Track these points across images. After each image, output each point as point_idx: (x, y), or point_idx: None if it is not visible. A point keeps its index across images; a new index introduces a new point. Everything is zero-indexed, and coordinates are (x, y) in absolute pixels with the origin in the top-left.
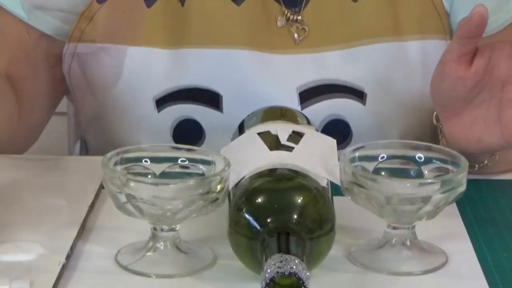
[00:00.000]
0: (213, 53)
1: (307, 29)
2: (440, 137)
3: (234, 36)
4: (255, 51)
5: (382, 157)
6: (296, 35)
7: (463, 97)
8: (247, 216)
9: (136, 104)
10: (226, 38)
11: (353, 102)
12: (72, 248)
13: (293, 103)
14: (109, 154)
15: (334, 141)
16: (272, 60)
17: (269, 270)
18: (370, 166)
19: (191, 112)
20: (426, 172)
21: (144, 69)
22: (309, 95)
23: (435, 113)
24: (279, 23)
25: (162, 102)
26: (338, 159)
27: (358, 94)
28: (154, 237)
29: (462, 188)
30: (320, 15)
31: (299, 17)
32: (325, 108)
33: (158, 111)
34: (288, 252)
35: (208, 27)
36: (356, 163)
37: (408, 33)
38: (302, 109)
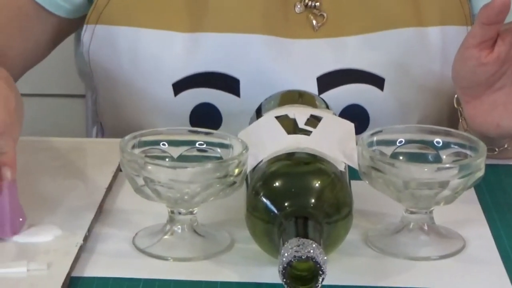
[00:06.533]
0: (231, 38)
1: (325, 15)
2: (460, 120)
3: (252, 22)
4: (273, 37)
5: (400, 142)
6: (314, 22)
7: (483, 82)
8: (264, 200)
9: (153, 88)
10: (244, 24)
11: (372, 88)
12: (89, 230)
13: (312, 89)
14: (126, 138)
15: (352, 125)
16: (290, 46)
17: (286, 254)
18: (388, 150)
19: (209, 97)
20: (444, 156)
21: (162, 52)
22: (327, 81)
23: (456, 96)
24: (297, 9)
25: (180, 86)
26: (356, 143)
27: (376, 80)
28: (171, 220)
29: (481, 173)
30: (339, 1)
31: (317, 4)
32: (343, 94)
33: (175, 96)
34: (305, 236)
35: (226, 13)
36: (374, 148)
37: (429, 21)
38: (320, 95)
